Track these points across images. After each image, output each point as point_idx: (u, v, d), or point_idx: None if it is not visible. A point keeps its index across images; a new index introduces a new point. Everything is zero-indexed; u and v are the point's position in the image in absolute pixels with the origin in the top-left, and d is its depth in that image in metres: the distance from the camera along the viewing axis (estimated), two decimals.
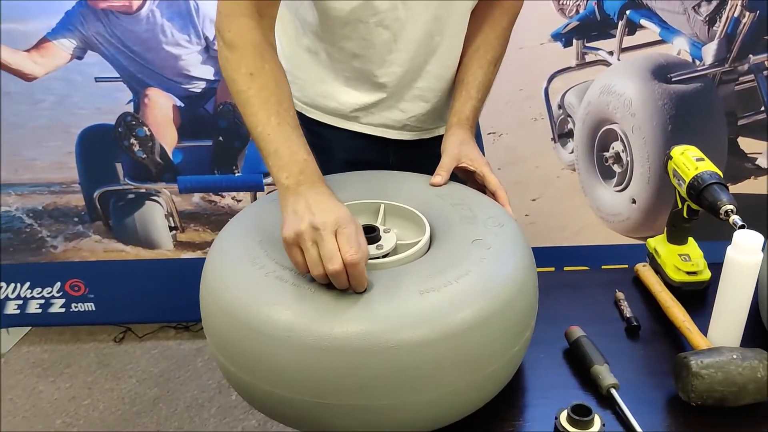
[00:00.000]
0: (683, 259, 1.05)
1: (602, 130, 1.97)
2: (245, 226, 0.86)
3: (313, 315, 0.69)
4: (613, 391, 0.83)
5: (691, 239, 1.09)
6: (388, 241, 0.84)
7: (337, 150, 1.13)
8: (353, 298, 0.71)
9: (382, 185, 0.97)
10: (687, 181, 0.96)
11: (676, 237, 1.07)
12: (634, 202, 2.02)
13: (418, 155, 1.12)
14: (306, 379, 0.69)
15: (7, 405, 2.05)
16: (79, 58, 1.85)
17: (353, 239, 0.71)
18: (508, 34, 1.08)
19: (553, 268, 2.14)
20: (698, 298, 1.03)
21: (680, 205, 1.03)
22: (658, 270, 1.08)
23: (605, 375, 0.85)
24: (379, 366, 0.68)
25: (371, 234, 0.83)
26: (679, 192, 1.02)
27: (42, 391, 2.11)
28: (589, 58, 1.89)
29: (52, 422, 1.97)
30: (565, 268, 2.15)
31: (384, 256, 0.83)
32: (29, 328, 2.40)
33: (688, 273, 1.04)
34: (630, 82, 1.88)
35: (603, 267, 2.15)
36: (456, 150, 0.99)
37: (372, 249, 0.82)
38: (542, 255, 0.89)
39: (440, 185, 0.95)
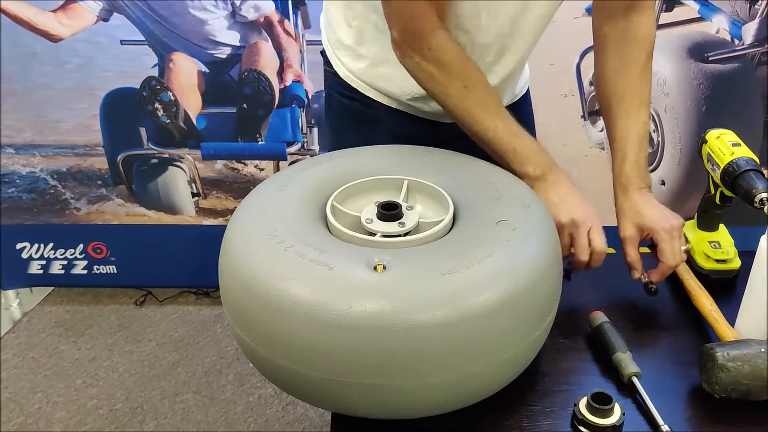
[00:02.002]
0: (713, 247, 1.03)
1: None
2: (267, 198, 0.84)
3: (332, 292, 0.68)
4: (635, 380, 0.82)
5: (722, 226, 1.06)
6: (410, 218, 0.82)
7: (385, 122, 1.11)
8: (373, 277, 0.69)
9: (407, 160, 0.95)
10: (721, 166, 0.94)
11: (707, 223, 1.05)
12: (663, 183, 1.98)
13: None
14: (323, 356, 0.68)
15: (30, 363, 2.09)
16: (105, 20, 1.85)
17: (603, 233, 0.89)
18: (649, 70, 1.02)
19: None
20: (727, 288, 1.01)
21: (713, 191, 1.01)
22: (687, 257, 1.05)
23: (627, 363, 0.83)
24: (397, 346, 0.67)
25: (393, 211, 0.82)
26: (712, 177, 0.99)
27: (63, 351, 2.15)
28: None
29: (73, 382, 2.01)
30: None
31: (405, 234, 0.81)
32: (52, 288, 2.43)
33: (718, 261, 1.01)
34: (665, 60, 1.83)
35: None
36: (632, 228, 0.98)
37: (393, 226, 0.81)
38: None
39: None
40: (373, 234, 0.81)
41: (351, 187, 0.88)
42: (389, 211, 0.82)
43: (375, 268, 0.71)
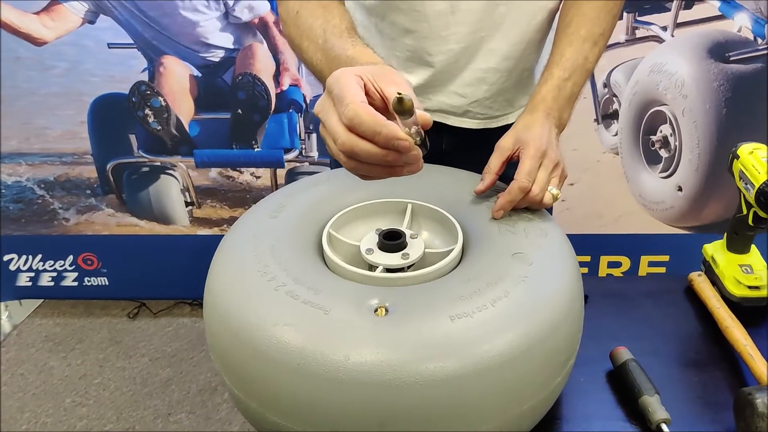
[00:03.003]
0: (744, 271, 0.96)
1: (650, 111, 1.85)
2: (258, 226, 0.78)
3: (327, 340, 0.61)
4: (664, 427, 0.75)
5: (753, 248, 0.99)
6: (415, 249, 0.76)
7: None
8: (373, 322, 0.63)
9: (411, 180, 0.88)
10: (756, 186, 0.86)
11: (738, 245, 0.98)
12: (680, 189, 1.91)
13: (477, 142, 1.01)
14: (318, 413, 0.62)
15: (18, 381, 2.03)
16: (91, 22, 1.78)
17: (344, 95, 0.55)
18: (610, 7, 0.90)
19: (588, 257, 2.07)
20: (760, 317, 0.94)
21: (745, 211, 0.93)
22: (715, 281, 0.99)
23: (656, 408, 0.76)
24: (402, 402, 0.60)
25: (396, 240, 0.75)
26: (745, 196, 0.92)
27: (53, 367, 2.09)
28: (639, 33, 1.77)
29: (62, 400, 1.95)
30: (603, 258, 2.07)
31: (410, 266, 0.75)
32: (42, 300, 2.38)
33: (750, 287, 0.94)
34: (683, 60, 1.76)
35: (642, 256, 2.08)
36: (510, 140, 0.81)
37: (396, 258, 0.74)
38: (577, 243, 0.79)
39: (482, 192, 0.82)
40: (373, 267, 0.74)
41: (349, 212, 0.82)
42: (392, 241, 0.75)
43: (376, 312, 0.64)
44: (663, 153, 1.89)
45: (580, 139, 1.89)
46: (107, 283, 2.23)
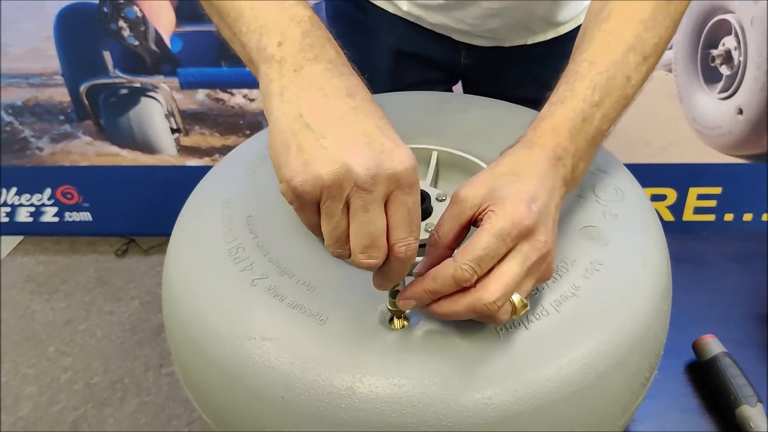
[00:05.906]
0: None
1: (712, 20, 1.62)
2: (231, 186, 0.60)
3: (324, 364, 0.45)
4: None
5: None
6: None
7: (386, 33, 0.87)
8: (387, 338, 0.46)
9: (434, 116, 0.69)
10: None
11: None
12: (740, 112, 1.71)
13: (500, 57, 0.86)
14: None
15: None
16: None
17: (414, 215, 0.41)
18: (673, 7, 0.55)
19: None
20: None
21: None
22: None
23: (758, 422, 0.60)
24: None
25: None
26: None
27: (35, 311, 1.97)
28: None
29: (45, 350, 1.83)
30: (646, 191, 1.89)
31: None
32: (22, 237, 2.24)
33: None
34: None
35: (690, 188, 1.90)
36: (478, 190, 0.45)
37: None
38: None
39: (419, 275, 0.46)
40: None
41: None
42: None
43: (391, 321, 0.47)
44: (724, 70, 1.67)
45: None
46: (91, 219, 2.07)
